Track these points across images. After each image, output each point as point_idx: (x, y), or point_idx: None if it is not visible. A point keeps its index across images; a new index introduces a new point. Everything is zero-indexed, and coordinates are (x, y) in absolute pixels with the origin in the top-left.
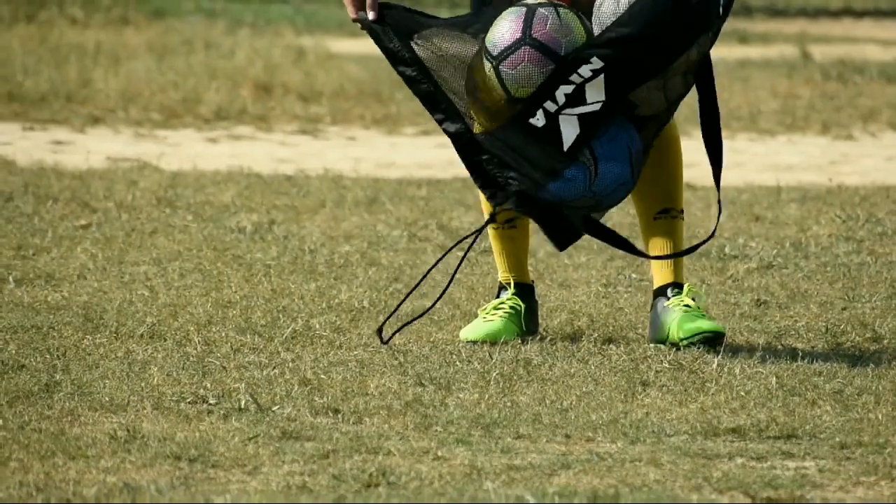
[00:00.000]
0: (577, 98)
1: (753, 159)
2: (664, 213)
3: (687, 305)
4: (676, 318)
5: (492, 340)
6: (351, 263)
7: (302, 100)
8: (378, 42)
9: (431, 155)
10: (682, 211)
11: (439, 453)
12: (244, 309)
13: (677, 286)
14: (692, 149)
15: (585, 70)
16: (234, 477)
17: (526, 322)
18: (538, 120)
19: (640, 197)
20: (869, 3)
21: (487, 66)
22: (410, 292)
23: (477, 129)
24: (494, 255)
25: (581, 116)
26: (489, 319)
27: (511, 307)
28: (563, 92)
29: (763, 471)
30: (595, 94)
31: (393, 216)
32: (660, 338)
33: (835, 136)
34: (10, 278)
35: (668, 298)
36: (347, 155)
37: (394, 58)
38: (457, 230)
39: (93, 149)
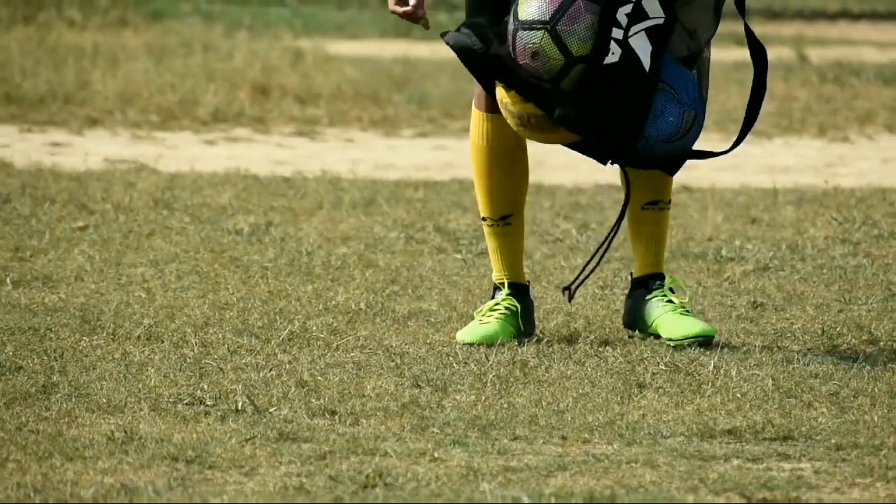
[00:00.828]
0: (638, 14)
1: (750, 161)
2: (652, 204)
3: (671, 301)
4: (663, 317)
5: (488, 342)
6: (348, 265)
7: (299, 102)
8: (465, 55)
9: (429, 157)
10: (669, 201)
11: (436, 455)
12: (241, 311)
13: (660, 278)
14: None
15: None
16: (231, 478)
17: (522, 322)
18: (613, 55)
19: (630, 186)
20: (866, 6)
21: (537, 36)
22: (598, 260)
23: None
24: (490, 254)
25: (648, 31)
26: (485, 322)
27: (507, 308)
28: (623, 13)
29: (759, 472)
30: (654, 9)
31: (390, 218)
32: (639, 327)
33: (831, 138)
34: (8, 280)
35: (650, 291)
36: (345, 157)
37: (486, 65)
38: (454, 232)
39: (90, 150)
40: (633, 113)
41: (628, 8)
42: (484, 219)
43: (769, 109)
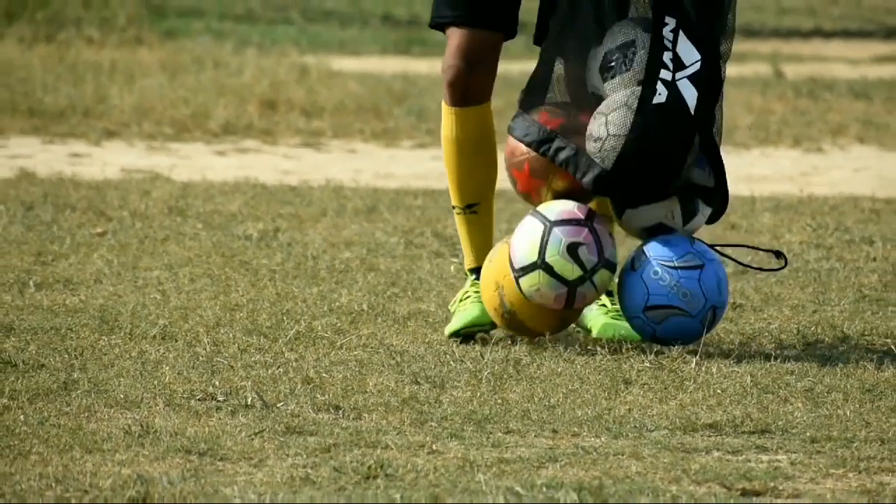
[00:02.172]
0: (678, 63)
1: (729, 171)
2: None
3: (604, 305)
4: (596, 318)
5: (473, 325)
6: (351, 269)
7: (305, 115)
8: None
9: (427, 166)
10: None
11: (434, 447)
12: (250, 312)
13: None
14: None
15: (667, 32)
16: (241, 469)
17: None
18: (660, 95)
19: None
20: (838, 25)
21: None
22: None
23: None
24: (461, 242)
25: (690, 77)
26: (463, 309)
27: (475, 293)
28: (668, 57)
29: (738, 463)
30: (689, 55)
31: (391, 224)
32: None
33: (806, 149)
34: (31, 283)
35: None
36: (348, 167)
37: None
38: (451, 237)
39: (108, 161)
40: (674, 156)
41: (670, 54)
42: (453, 207)
43: (747, 122)
